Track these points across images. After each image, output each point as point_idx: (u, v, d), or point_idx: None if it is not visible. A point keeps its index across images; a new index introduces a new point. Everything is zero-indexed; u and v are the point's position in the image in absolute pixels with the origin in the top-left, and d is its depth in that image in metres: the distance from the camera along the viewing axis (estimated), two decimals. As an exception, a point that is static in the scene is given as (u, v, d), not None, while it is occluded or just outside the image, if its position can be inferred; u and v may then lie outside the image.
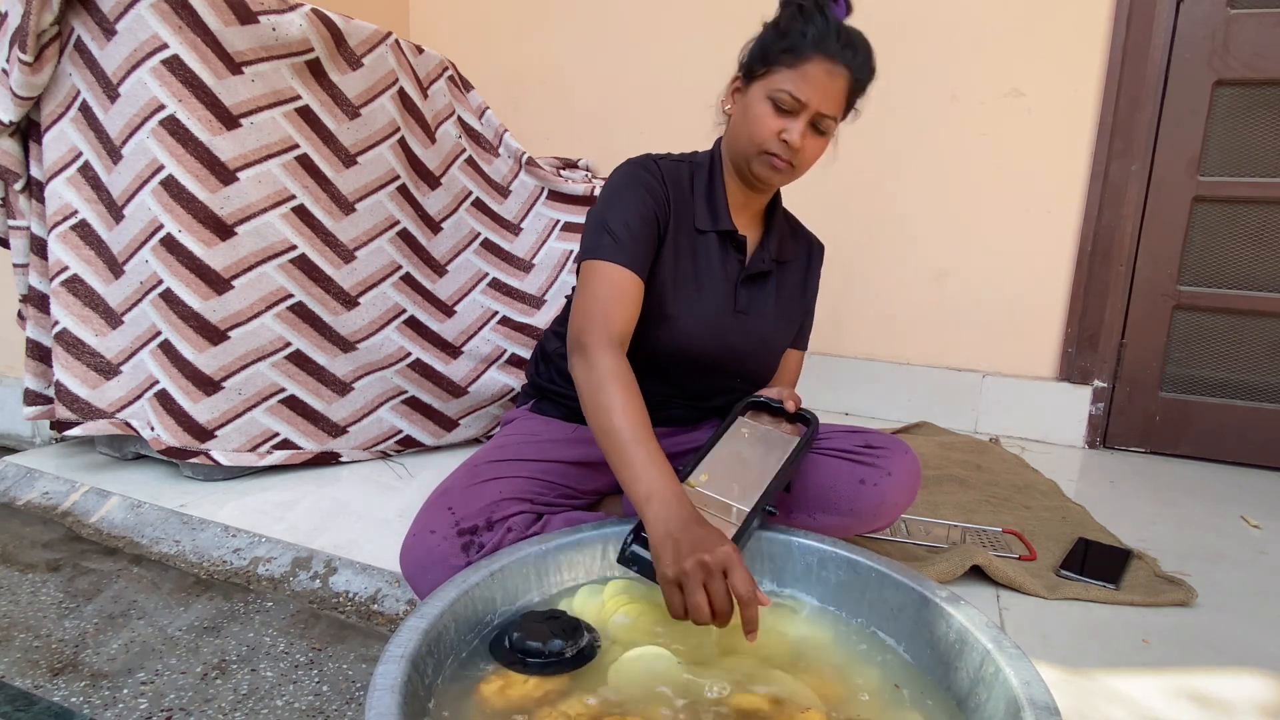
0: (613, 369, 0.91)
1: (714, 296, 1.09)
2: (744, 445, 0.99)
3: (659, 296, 1.06)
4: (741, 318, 1.11)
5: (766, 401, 1.05)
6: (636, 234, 1.01)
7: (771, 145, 1.00)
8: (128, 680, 0.96)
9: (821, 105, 0.97)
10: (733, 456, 0.97)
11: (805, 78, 0.96)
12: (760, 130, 1.00)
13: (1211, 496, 1.75)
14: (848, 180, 2.22)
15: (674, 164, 1.10)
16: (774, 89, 0.98)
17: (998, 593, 1.20)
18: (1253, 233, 1.94)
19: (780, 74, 0.98)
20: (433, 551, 0.95)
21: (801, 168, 1.03)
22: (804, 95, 0.97)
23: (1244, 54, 1.87)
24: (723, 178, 1.10)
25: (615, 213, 1.02)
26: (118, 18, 1.36)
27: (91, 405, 1.45)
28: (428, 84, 1.75)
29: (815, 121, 0.99)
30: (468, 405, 1.77)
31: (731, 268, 1.11)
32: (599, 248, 1.01)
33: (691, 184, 1.10)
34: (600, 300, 0.98)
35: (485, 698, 0.71)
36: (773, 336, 1.15)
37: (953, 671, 0.75)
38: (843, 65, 0.97)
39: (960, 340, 2.20)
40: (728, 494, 0.91)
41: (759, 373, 1.17)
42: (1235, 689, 0.97)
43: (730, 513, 0.89)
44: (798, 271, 1.20)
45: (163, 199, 1.38)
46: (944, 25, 2.08)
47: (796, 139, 0.98)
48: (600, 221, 1.03)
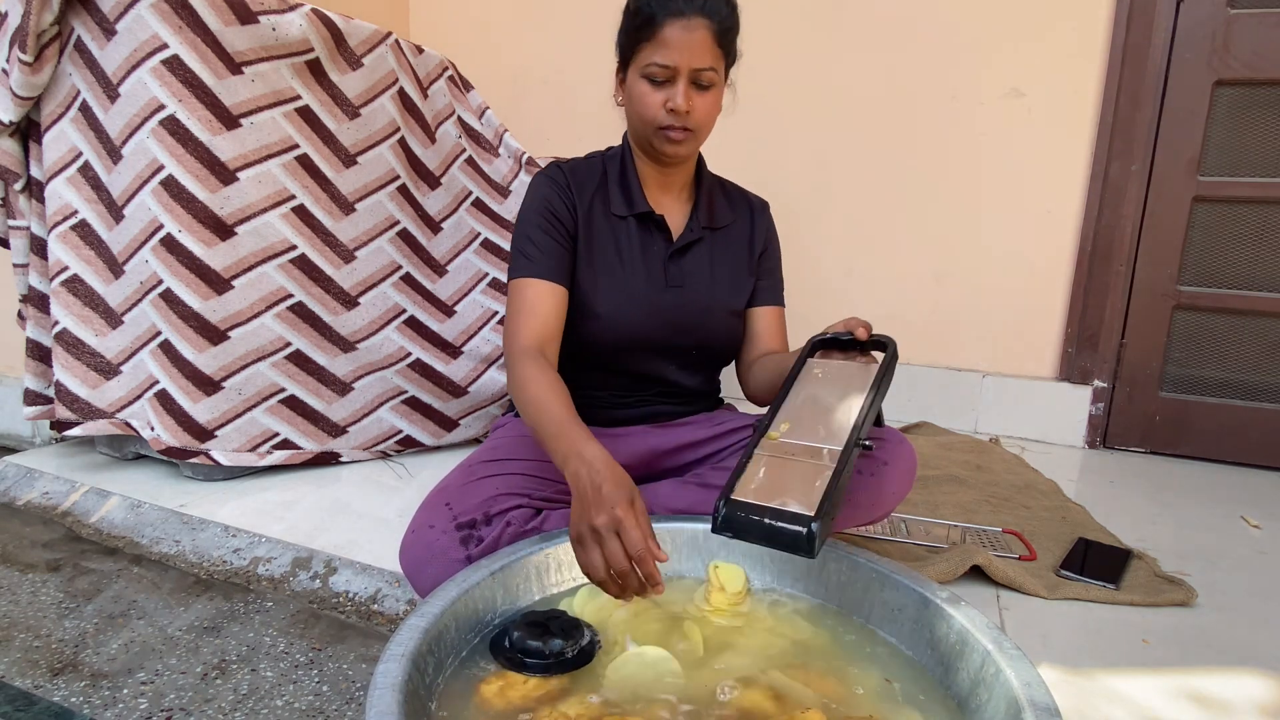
0: (527, 372, 0.97)
1: (640, 276, 1.12)
2: (819, 386, 0.94)
3: (587, 290, 1.09)
4: (675, 291, 1.13)
5: (834, 337, 0.98)
6: (542, 244, 1.07)
7: (661, 119, 1.02)
8: (128, 680, 0.96)
9: (692, 61, 0.99)
10: (810, 399, 0.92)
11: (665, 44, 0.98)
12: (646, 109, 1.03)
13: (1211, 496, 1.75)
14: (847, 180, 2.22)
15: (584, 161, 1.16)
16: (643, 67, 1.01)
17: (998, 593, 1.20)
18: (1253, 233, 1.94)
19: (644, 50, 1.01)
20: (431, 546, 0.95)
21: (701, 129, 1.05)
22: (670, 60, 0.99)
23: (1244, 54, 1.87)
24: (634, 163, 1.13)
25: (522, 230, 1.09)
26: (118, 18, 1.36)
27: (91, 405, 1.45)
28: (428, 84, 1.75)
29: (694, 80, 1.01)
30: (468, 405, 1.77)
31: (658, 247, 1.13)
32: (514, 268, 1.08)
33: (604, 174, 1.14)
34: (515, 317, 1.05)
35: (486, 698, 0.71)
36: (716, 303, 1.16)
37: (953, 672, 0.75)
38: (698, 16, 0.98)
39: (960, 340, 2.20)
40: (814, 438, 0.85)
41: (713, 341, 1.18)
42: (1235, 689, 0.97)
43: (821, 455, 0.83)
44: (739, 232, 1.21)
45: (163, 199, 1.38)
46: (944, 25, 2.08)
47: (681, 103, 1.00)
48: (514, 243, 1.10)
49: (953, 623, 0.77)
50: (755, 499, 0.79)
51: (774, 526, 0.76)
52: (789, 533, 0.75)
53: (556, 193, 1.10)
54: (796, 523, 0.75)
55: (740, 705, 0.71)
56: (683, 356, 1.17)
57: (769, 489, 0.80)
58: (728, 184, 1.25)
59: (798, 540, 0.75)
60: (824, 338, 0.99)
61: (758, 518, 0.77)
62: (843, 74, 2.17)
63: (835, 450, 0.83)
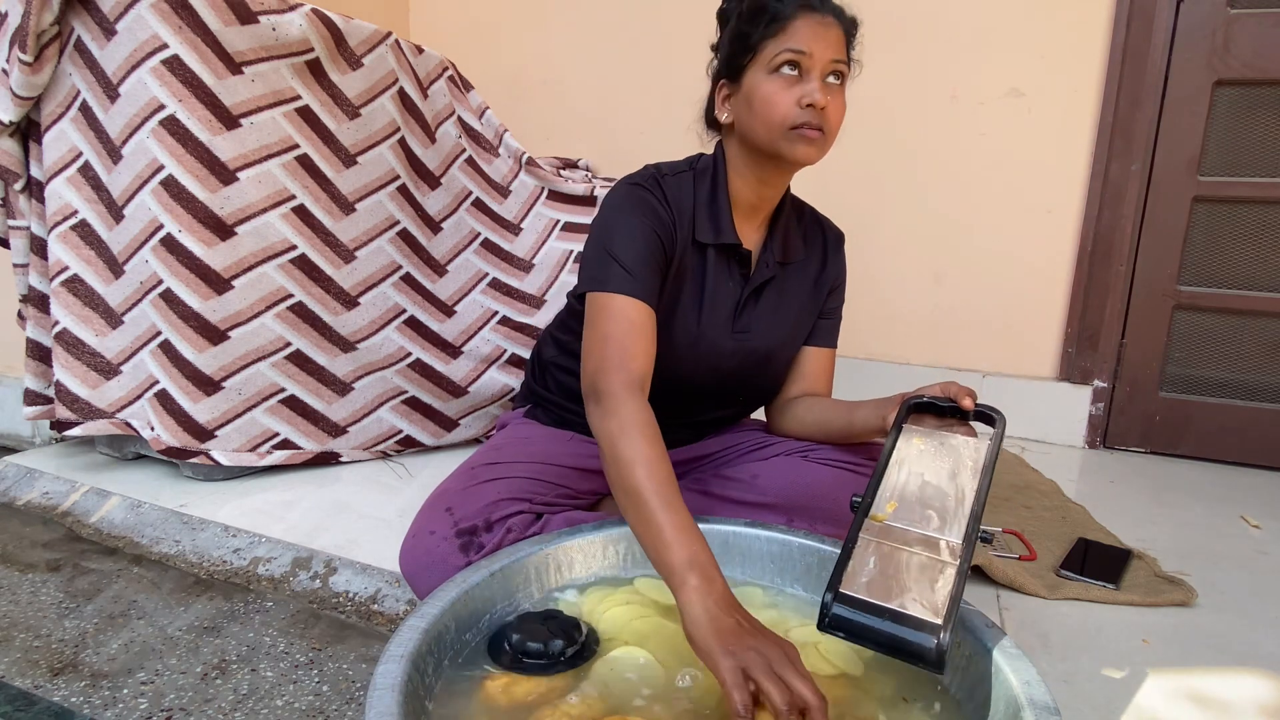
0: (634, 419, 0.83)
1: (711, 321, 1.04)
2: (923, 461, 0.84)
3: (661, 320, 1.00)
4: (740, 338, 1.06)
5: (931, 401, 0.89)
6: (645, 261, 0.94)
7: (795, 116, 0.91)
8: (128, 680, 0.95)
9: (828, 52, 0.91)
10: (916, 476, 0.82)
11: (799, 33, 0.90)
12: (777, 107, 0.92)
13: (1211, 496, 1.75)
14: (847, 180, 2.22)
15: (675, 178, 1.03)
16: (773, 60, 0.91)
17: (998, 593, 1.20)
18: (1253, 233, 1.94)
19: (771, 44, 0.92)
20: (432, 552, 0.95)
21: (832, 133, 0.94)
22: (807, 47, 0.90)
23: (1244, 54, 1.87)
24: (726, 186, 1.03)
25: (621, 239, 0.95)
26: (118, 18, 1.36)
27: (91, 405, 1.45)
28: (428, 84, 1.75)
29: (829, 72, 0.92)
30: (468, 405, 1.77)
31: (733, 283, 1.05)
32: (608, 279, 0.93)
33: (694, 194, 1.03)
34: (615, 339, 0.90)
35: (490, 695, 0.71)
36: (777, 349, 1.10)
37: (953, 672, 0.75)
38: (829, 15, 0.93)
39: (960, 340, 2.20)
40: (926, 524, 0.77)
41: (762, 388, 1.14)
42: (1235, 689, 0.97)
43: (939, 547, 0.74)
44: (809, 269, 1.12)
45: (163, 199, 1.38)
46: (944, 25, 2.08)
47: (820, 97, 0.90)
48: (604, 249, 0.95)
49: (953, 623, 0.77)
50: (869, 595, 0.70)
51: (894, 635, 0.67)
52: (915, 644, 0.66)
53: (661, 209, 0.99)
54: (922, 630, 0.66)
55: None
56: (728, 400, 1.13)
57: (883, 585, 0.70)
58: (805, 208, 1.16)
59: (924, 653, 0.66)
60: (919, 400, 0.89)
61: (876, 620, 0.68)
62: (843, 74, 2.17)
63: (955, 543, 0.73)
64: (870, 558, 0.73)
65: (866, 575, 0.72)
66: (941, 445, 0.85)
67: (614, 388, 0.87)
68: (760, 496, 1.09)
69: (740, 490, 1.11)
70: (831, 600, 0.70)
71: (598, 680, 0.74)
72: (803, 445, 1.13)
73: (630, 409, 0.84)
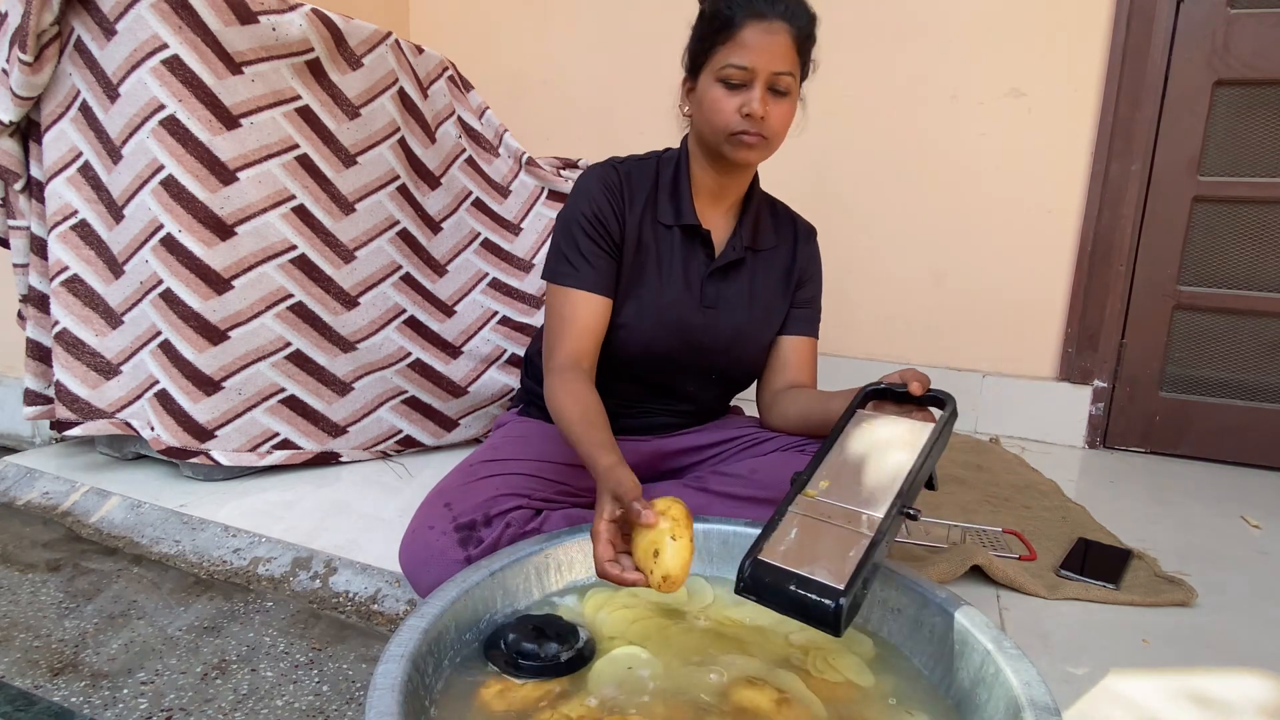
0: (565, 387, 0.97)
1: (676, 292, 1.09)
2: (867, 441, 0.87)
3: (622, 296, 1.07)
4: (709, 313, 1.10)
5: (889, 387, 0.92)
6: (588, 252, 1.05)
7: (735, 124, 0.98)
8: (128, 680, 0.95)
9: (771, 65, 0.96)
10: (855, 456, 0.86)
11: (744, 45, 0.96)
12: (720, 114, 0.99)
13: (1211, 496, 1.75)
14: (847, 180, 2.22)
15: (639, 161, 1.11)
16: (719, 69, 0.98)
17: (998, 593, 1.20)
18: (1253, 233, 1.94)
19: (721, 52, 0.98)
20: (431, 547, 0.95)
21: (775, 137, 1.01)
22: (749, 62, 0.96)
23: (1244, 54, 1.87)
24: (689, 171, 1.10)
25: (568, 231, 1.06)
26: (118, 18, 1.36)
27: (91, 405, 1.45)
28: (428, 84, 1.75)
29: (772, 85, 0.98)
30: (468, 405, 1.77)
31: (698, 263, 1.10)
32: (558, 273, 1.05)
33: (656, 179, 1.11)
34: (555, 330, 1.04)
35: (485, 701, 0.71)
36: (747, 328, 1.13)
37: (953, 672, 0.75)
38: (779, 20, 0.96)
39: (960, 340, 2.20)
40: (854, 500, 0.80)
41: (736, 367, 1.16)
42: (1235, 689, 0.97)
43: (860, 521, 0.77)
44: (780, 258, 1.17)
45: (163, 199, 1.38)
46: (944, 25, 2.08)
47: (758, 108, 0.96)
48: (558, 243, 1.07)
49: (953, 623, 0.77)
50: (783, 562, 0.74)
51: (800, 596, 0.71)
52: (815, 605, 0.70)
53: (608, 197, 1.06)
54: (825, 595, 0.70)
55: (740, 704, 0.71)
56: (702, 378, 1.15)
57: (799, 553, 0.75)
58: (778, 204, 1.21)
59: (824, 614, 0.70)
60: (877, 387, 0.92)
61: (784, 584, 0.72)
62: (842, 74, 2.17)
63: (876, 517, 0.77)
64: (793, 529, 0.78)
65: (785, 545, 0.76)
66: (891, 429, 0.88)
67: (553, 367, 1.01)
68: (759, 491, 1.09)
69: (739, 486, 1.11)
70: (748, 565, 0.75)
71: (596, 681, 0.74)
72: (799, 440, 1.13)
73: (562, 381, 0.98)
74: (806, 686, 0.74)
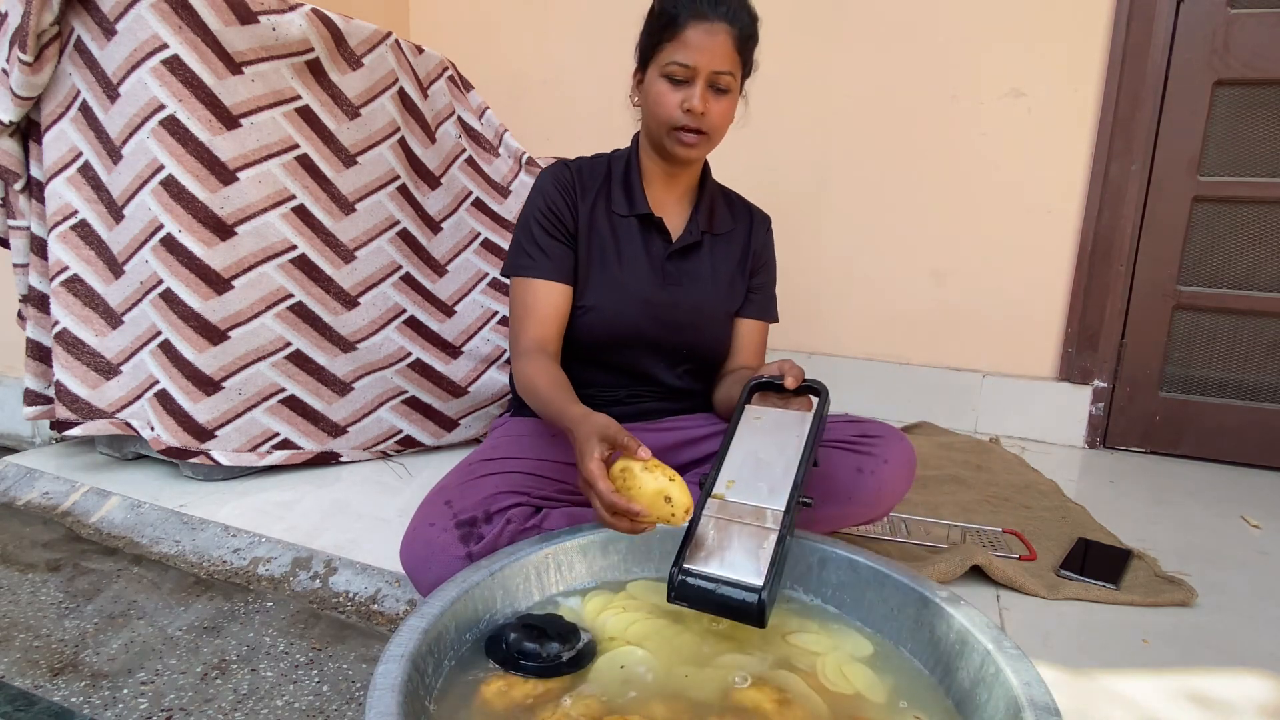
0: (530, 366, 1.03)
1: (637, 274, 1.13)
2: (759, 437, 0.94)
3: (583, 283, 1.12)
4: (672, 290, 1.14)
5: (769, 380, 0.98)
6: (544, 244, 1.10)
7: (677, 119, 1.04)
8: (128, 680, 0.96)
9: (711, 64, 1.01)
10: (751, 453, 0.92)
11: (687, 44, 1.01)
12: (662, 108, 1.04)
13: (1211, 496, 1.75)
14: (847, 180, 2.22)
15: (590, 160, 1.18)
16: (663, 66, 1.03)
17: (998, 593, 1.20)
18: (1253, 233, 1.94)
19: (665, 49, 1.03)
20: (431, 544, 0.95)
21: (715, 132, 1.06)
22: (690, 60, 1.01)
23: (1244, 54, 1.87)
24: (639, 164, 1.15)
25: (525, 226, 1.12)
26: (118, 18, 1.36)
27: (91, 405, 1.45)
28: (428, 84, 1.75)
29: (712, 83, 1.03)
30: (468, 405, 1.77)
31: (656, 247, 1.15)
32: (515, 265, 1.12)
33: (609, 174, 1.16)
34: (516, 319, 1.10)
35: (487, 699, 0.71)
36: (709, 303, 1.17)
37: (953, 672, 0.75)
38: (721, 21, 1.01)
39: (960, 340, 2.20)
40: (757, 496, 0.86)
41: (705, 343, 1.19)
42: (1235, 689, 0.97)
43: (765, 516, 0.84)
44: (736, 239, 1.21)
45: (163, 199, 1.38)
46: (944, 25, 2.08)
47: (698, 104, 1.02)
48: (517, 239, 1.13)
49: (953, 623, 0.77)
50: (706, 566, 0.80)
51: (725, 597, 0.78)
52: (740, 604, 0.77)
53: (559, 192, 1.12)
54: (747, 592, 0.77)
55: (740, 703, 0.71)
56: (673, 355, 1.18)
57: (719, 555, 0.81)
58: (732, 193, 1.26)
59: (748, 610, 0.77)
60: (760, 381, 0.99)
61: (710, 587, 0.78)
62: (843, 74, 2.17)
63: (778, 512, 0.84)
64: (710, 532, 0.84)
65: (705, 549, 0.82)
66: (778, 421, 0.95)
67: (518, 353, 1.08)
68: None
69: None
70: (677, 574, 0.80)
71: (596, 680, 0.74)
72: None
73: (525, 363, 1.05)
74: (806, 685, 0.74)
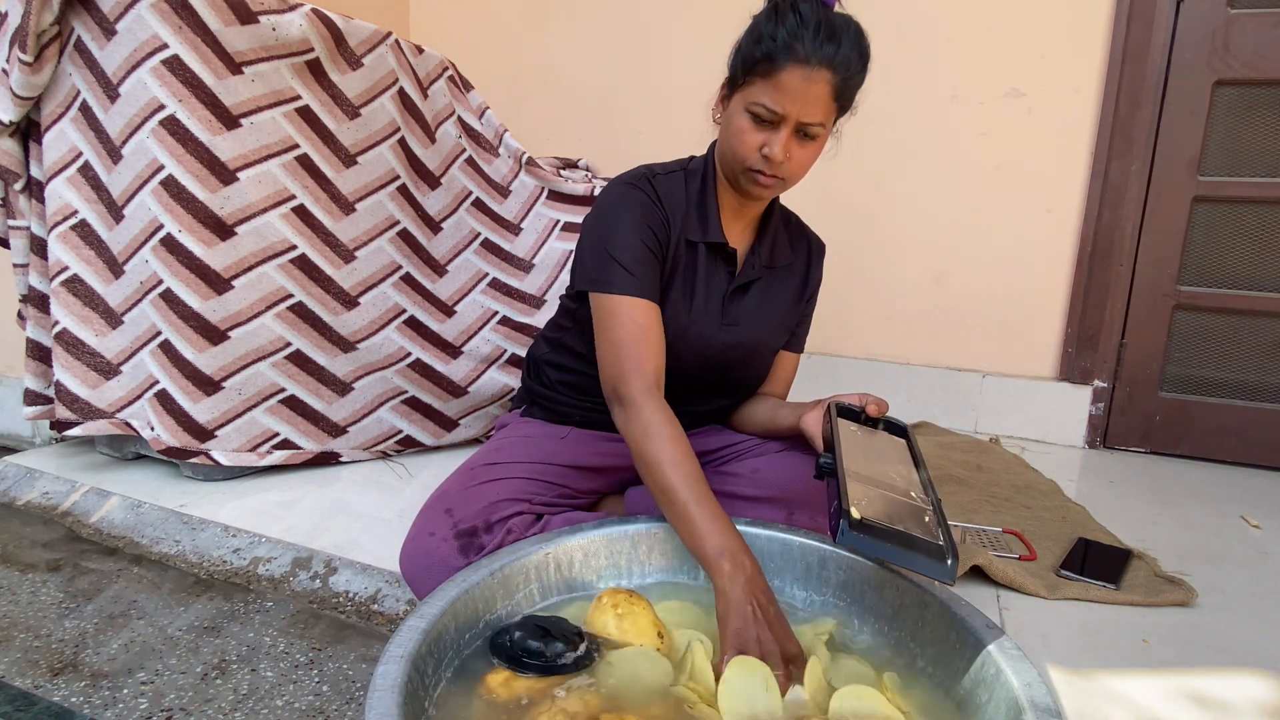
0: (657, 420, 0.90)
1: (701, 313, 1.07)
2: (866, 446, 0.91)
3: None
4: (729, 330, 1.09)
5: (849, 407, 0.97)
6: (644, 260, 0.99)
7: (754, 162, 0.96)
8: (128, 680, 0.95)
9: (802, 114, 0.92)
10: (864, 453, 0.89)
11: (780, 88, 0.91)
12: (742, 146, 0.96)
13: (1211, 496, 1.75)
14: (847, 180, 2.22)
15: (667, 176, 1.07)
16: (751, 102, 0.93)
17: (998, 593, 1.20)
18: (1253, 233, 1.94)
19: (756, 85, 0.93)
20: (432, 554, 0.95)
21: (793, 178, 0.99)
22: (781, 108, 0.91)
23: (1244, 54, 1.87)
24: (715, 187, 1.07)
25: (621, 239, 0.99)
26: (118, 18, 1.36)
27: (91, 405, 1.45)
28: (428, 84, 1.75)
29: (800, 130, 0.94)
30: (468, 405, 1.77)
31: (720, 279, 1.09)
32: (612, 281, 0.97)
33: (685, 194, 1.07)
34: (628, 344, 0.95)
35: (488, 689, 0.71)
36: (762, 344, 1.14)
37: (953, 672, 0.75)
38: (822, 68, 0.90)
39: (960, 340, 2.20)
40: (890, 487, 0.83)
41: (746, 381, 1.17)
42: (1235, 689, 0.97)
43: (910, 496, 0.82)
44: (794, 274, 1.17)
45: (163, 199, 1.38)
46: (944, 25, 2.08)
47: (779, 153, 0.93)
48: (605, 250, 0.99)
49: (953, 623, 0.77)
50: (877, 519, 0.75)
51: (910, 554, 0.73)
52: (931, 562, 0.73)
53: (655, 208, 1.03)
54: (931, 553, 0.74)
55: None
56: (714, 390, 1.15)
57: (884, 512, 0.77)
58: (792, 217, 1.20)
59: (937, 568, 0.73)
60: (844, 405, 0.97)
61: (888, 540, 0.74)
62: (843, 74, 2.17)
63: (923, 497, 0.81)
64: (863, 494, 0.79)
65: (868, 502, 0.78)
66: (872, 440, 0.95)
67: (633, 393, 0.93)
68: (762, 490, 1.10)
69: (742, 485, 1.11)
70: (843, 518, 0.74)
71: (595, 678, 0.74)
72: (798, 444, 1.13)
73: (650, 411, 0.91)
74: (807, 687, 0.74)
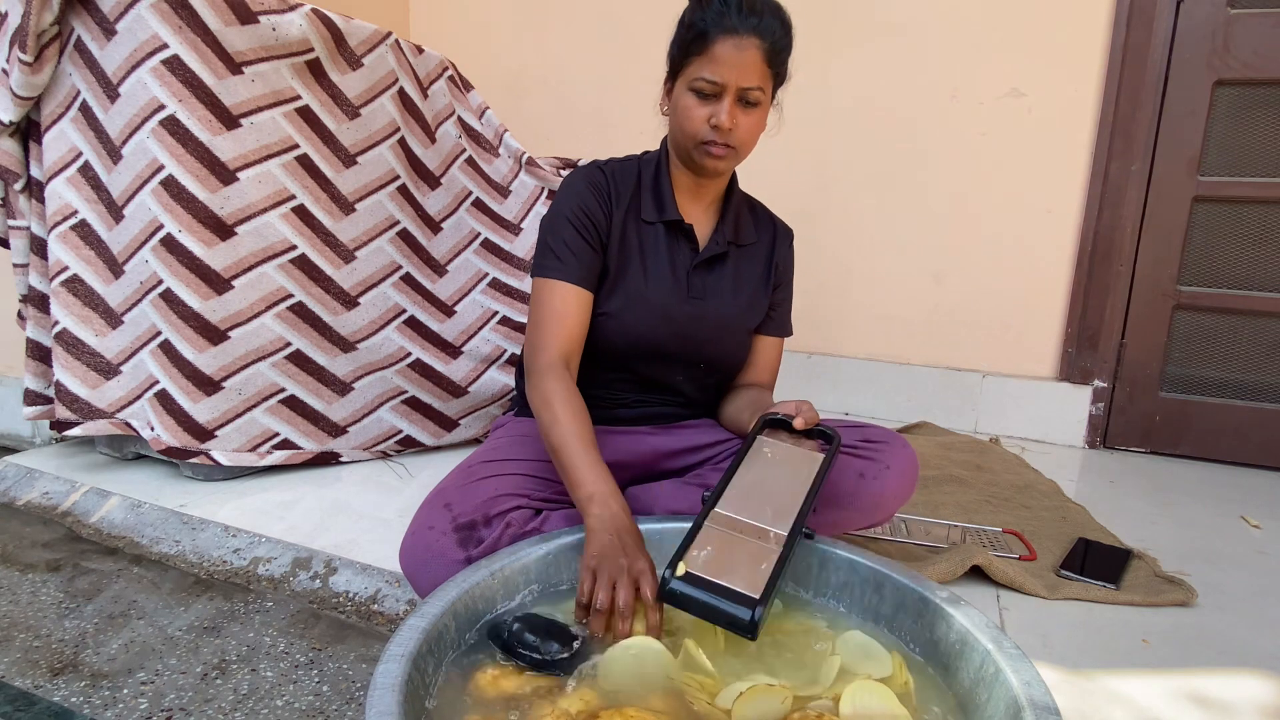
0: (554, 389, 0.98)
1: (663, 284, 1.11)
2: (768, 466, 0.95)
3: (609, 292, 1.10)
4: (696, 303, 1.12)
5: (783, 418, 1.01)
6: (575, 246, 1.06)
7: (704, 134, 1.02)
8: (128, 680, 0.96)
9: (740, 80, 0.99)
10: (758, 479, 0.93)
11: (716, 60, 0.98)
12: (690, 122, 1.02)
13: (1211, 496, 1.75)
14: (847, 180, 2.22)
15: (621, 163, 1.15)
16: (692, 80, 1.01)
17: (998, 593, 1.20)
18: (1253, 233, 1.94)
19: (694, 64, 1.00)
20: (431, 547, 0.95)
21: (743, 147, 1.05)
22: (719, 76, 0.99)
23: (1244, 54, 1.87)
24: (669, 170, 1.13)
25: (556, 229, 1.08)
26: (118, 18, 1.36)
27: (91, 405, 1.45)
28: (428, 84, 1.75)
29: (741, 97, 1.00)
30: (468, 405, 1.77)
31: (683, 256, 1.13)
32: (544, 267, 1.07)
33: (639, 178, 1.14)
34: (543, 324, 1.04)
35: (480, 687, 0.71)
36: (732, 319, 1.16)
37: (953, 672, 0.75)
38: (751, 35, 0.98)
39: (960, 340, 2.20)
40: (761, 518, 0.87)
41: (722, 358, 1.18)
42: (1235, 689, 0.97)
43: (768, 537, 0.85)
44: (760, 253, 1.20)
45: (163, 199, 1.38)
46: (944, 25, 2.08)
47: (725, 119, 1.00)
48: (544, 238, 1.09)
49: (953, 623, 0.77)
50: (703, 572, 0.80)
51: (718, 605, 0.77)
52: (732, 613, 0.76)
53: (594, 195, 1.09)
54: (742, 604, 0.76)
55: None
56: (689, 367, 1.17)
57: (716, 564, 0.81)
58: (757, 204, 1.24)
59: (739, 623, 0.75)
60: (774, 417, 1.01)
61: (703, 593, 0.78)
62: (842, 74, 2.17)
63: (781, 535, 0.84)
64: (710, 543, 0.84)
65: (704, 556, 0.82)
66: (787, 456, 0.97)
67: (539, 366, 1.02)
68: None
69: None
70: (670, 575, 0.80)
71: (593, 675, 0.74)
72: None
73: (551, 381, 0.99)
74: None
